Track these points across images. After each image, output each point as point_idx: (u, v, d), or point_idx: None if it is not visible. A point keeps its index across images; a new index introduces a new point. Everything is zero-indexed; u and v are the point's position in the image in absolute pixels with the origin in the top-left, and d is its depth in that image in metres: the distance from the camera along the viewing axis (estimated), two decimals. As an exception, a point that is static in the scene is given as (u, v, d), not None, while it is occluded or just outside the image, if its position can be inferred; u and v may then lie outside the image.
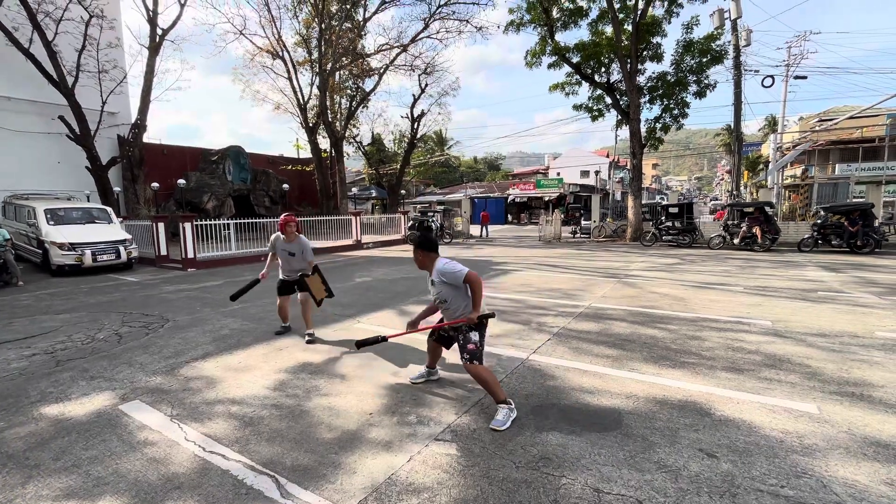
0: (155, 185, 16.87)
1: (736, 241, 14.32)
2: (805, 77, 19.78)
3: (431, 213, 19.83)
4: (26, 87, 15.89)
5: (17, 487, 2.36)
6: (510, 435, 2.83)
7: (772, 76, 18.17)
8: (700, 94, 17.50)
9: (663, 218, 16.33)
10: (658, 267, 10.57)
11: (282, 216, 4.94)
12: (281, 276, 5.15)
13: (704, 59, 17.10)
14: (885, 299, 6.66)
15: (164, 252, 12.09)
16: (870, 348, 4.42)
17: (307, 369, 4.09)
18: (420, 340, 4.95)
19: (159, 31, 16.81)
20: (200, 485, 2.37)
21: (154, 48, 16.74)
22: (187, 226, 11.42)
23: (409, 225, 19.30)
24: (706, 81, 17.27)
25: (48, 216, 11.14)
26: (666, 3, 17.11)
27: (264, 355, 4.51)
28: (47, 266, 10.69)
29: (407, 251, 15.87)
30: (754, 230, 13.87)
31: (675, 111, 17.96)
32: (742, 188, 35.05)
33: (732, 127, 19.28)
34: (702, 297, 7.03)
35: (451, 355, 4.42)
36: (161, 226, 12.18)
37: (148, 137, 18.40)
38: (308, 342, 4.86)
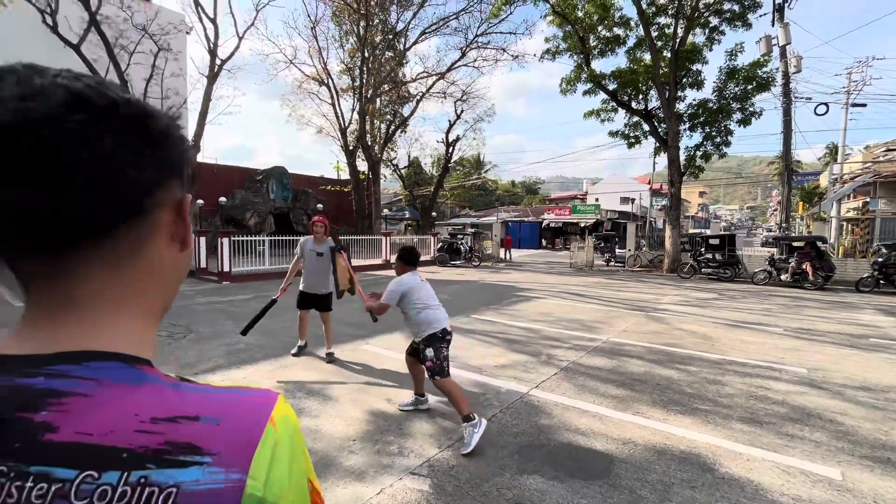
0: (200, 201, 18.03)
1: (783, 277, 13.33)
2: (864, 105, 18.53)
3: (461, 236, 19.89)
4: (100, 112, 17.69)
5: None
6: (488, 475, 2.71)
7: (826, 104, 17.18)
8: (745, 122, 16.76)
9: (703, 249, 15.52)
10: (691, 301, 9.99)
11: (313, 217, 5.10)
12: (301, 288, 5.10)
13: (750, 87, 16.45)
14: (951, 351, 5.93)
15: (203, 265, 12.81)
16: (920, 408, 3.93)
17: (303, 389, 4.14)
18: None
19: (218, 62, 18.34)
20: None
21: (212, 77, 18.24)
22: (224, 241, 12.08)
23: (439, 246, 19.44)
24: (751, 109, 16.54)
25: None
26: (707, 31, 16.73)
27: (269, 371, 4.62)
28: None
29: (434, 272, 15.94)
30: (804, 266, 12.87)
31: (718, 139, 17.26)
32: (797, 220, 32.88)
33: (782, 155, 18.26)
34: (733, 336, 6.55)
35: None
36: (202, 240, 12.95)
37: (205, 157, 19.89)
38: (328, 361, 4.91)
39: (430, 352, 3.23)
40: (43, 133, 0.31)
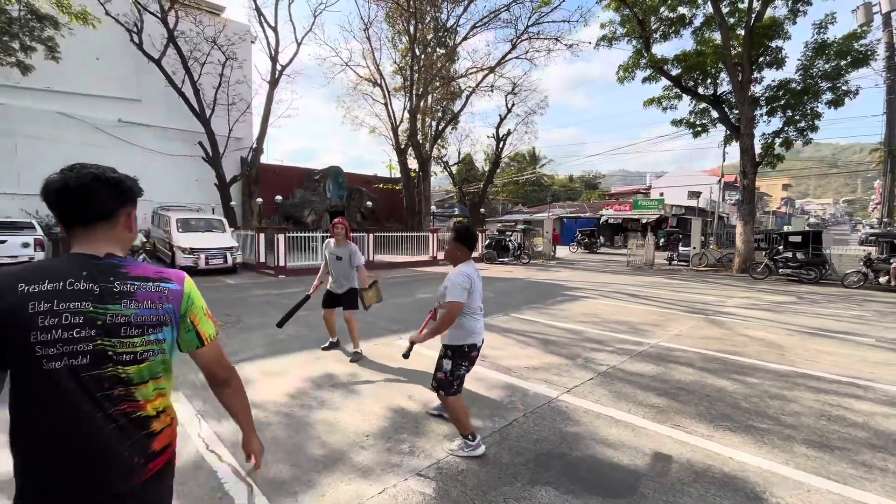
0: (259, 200, 19.23)
1: (882, 279, 11.58)
2: None
3: (510, 233, 19.50)
4: (178, 119, 19.37)
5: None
6: (497, 482, 2.55)
7: (943, 77, 14.62)
8: (836, 103, 14.72)
9: (781, 247, 13.91)
10: (762, 305, 8.97)
11: (334, 220, 4.98)
12: (328, 287, 5.09)
13: (843, 62, 14.42)
14: None
15: (262, 259, 13.65)
16: None
17: (330, 381, 4.20)
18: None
19: (279, 67, 19.45)
20: (187, 481, 2.52)
21: (273, 82, 19.40)
22: (280, 237, 12.77)
23: (486, 243, 19.19)
24: (845, 88, 14.50)
25: (178, 224, 13.33)
26: (789, 2, 14.89)
27: (301, 363, 4.76)
28: (174, 266, 12.75)
29: (481, 270, 15.72)
30: (910, 267, 11.08)
31: (802, 123, 15.35)
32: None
33: (883, 141, 15.86)
34: (809, 346, 5.75)
35: (472, 384, 4.22)
36: (262, 236, 13.80)
37: (272, 159, 21.23)
38: (352, 361, 4.80)
39: (447, 364, 2.80)
40: (85, 186, 1.07)
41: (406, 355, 3.08)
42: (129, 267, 1.11)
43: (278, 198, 19.75)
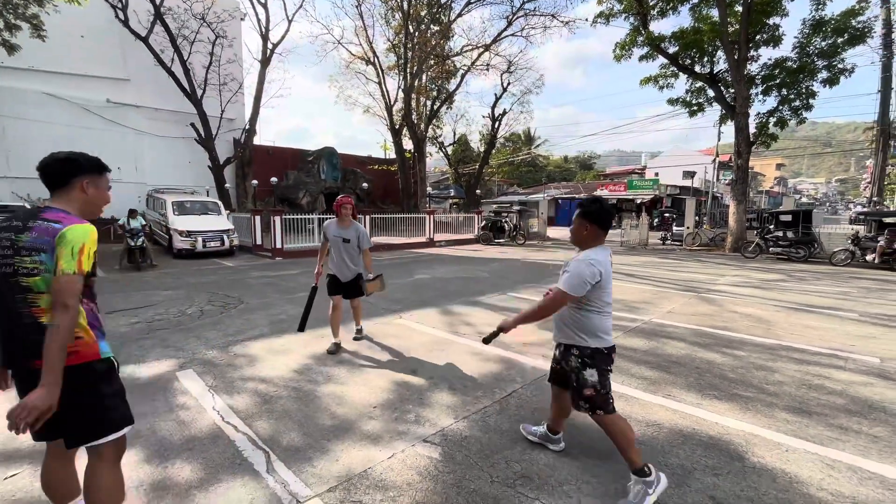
0: (254, 182, 19.10)
1: (869, 257, 11.86)
2: None
3: (505, 214, 19.58)
4: (169, 99, 18.96)
5: (80, 429, 2.90)
6: (499, 447, 2.73)
7: (938, 55, 14.63)
8: (831, 82, 14.74)
9: (772, 226, 14.14)
10: (752, 283, 9.20)
11: (338, 198, 4.53)
12: (331, 272, 4.63)
13: (840, 39, 14.37)
14: None
15: (258, 242, 13.68)
16: None
17: (335, 357, 4.35)
18: (456, 341, 4.99)
19: (270, 45, 19.01)
20: (208, 449, 2.67)
21: (265, 61, 18.98)
22: (276, 219, 12.78)
23: (482, 224, 19.29)
24: (840, 66, 14.49)
25: (174, 207, 13.27)
26: (789, -23, 14.71)
27: (305, 341, 4.90)
28: (171, 249, 12.75)
29: (477, 251, 15.91)
30: (896, 245, 11.35)
31: (797, 102, 15.38)
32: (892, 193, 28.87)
33: (877, 118, 15.95)
34: (795, 321, 5.98)
35: (471, 359, 4.37)
36: (258, 219, 13.79)
37: (264, 140, 20.95)
38: (355, 338, 4.89)
39: (592, 375, 2.28)
40: (55, 165, 1.68)
41: (487, 340, 2.55)
42: (47, 214, 1.60)
43: (274, 179, 19.63)
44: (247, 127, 19.06)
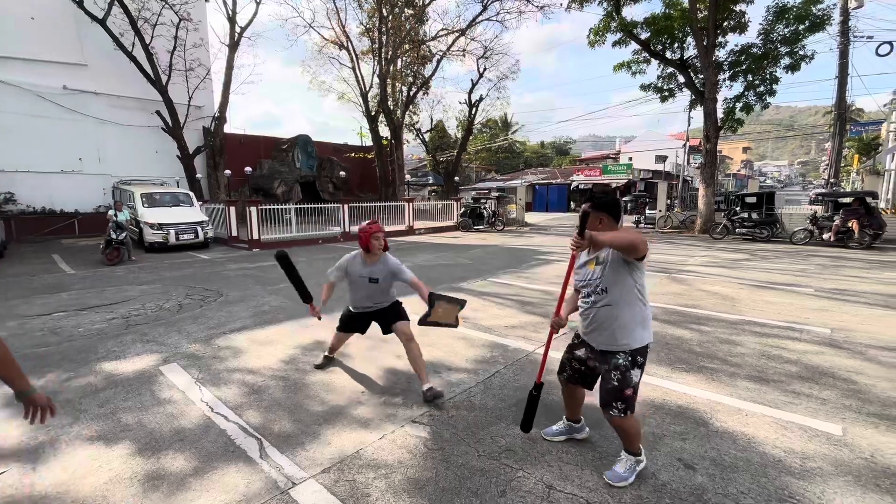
0: (227, 172, 18.56)
1: (826, 236, 12.58)
2: (936, 41, 16.44)
3: (484, 200, 19.72)
4: (132, 86, 18.06)
5: (66, 426, 2.89)
6: (485, 424, 2.87)
7: (890, 42, 15.39)
8: (793, 68, 15.33)
9: (738, 208, 14.77)
10: (720, 263, 9.66)
11: (363, 224, 3.34)
12: (351, 308, 3.58)
13: (802, 26, 14.91)
14: None
15: (234, 233, 13.40)
16: (947, 368, 3.76)
17: (321, 347, 4.40)
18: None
19: (237, 29, 18.32)
20: (199, 440, 2.72)
21: (233, 45, 18.30)
22: (252, 210, 12.53)
23: (461, 211, 19.38)
24: (801, 52, 15.07)
25: (144, 199, 12.81)
26: (755, -35, 15.09)
27: (290, 332, 4.92)
28: (142, 243, 12.35)
29: (456, 237, 16.03)
30: (850, 224, 12.06)
31: (761, 88, 15.95)
32: (852, 175, 30.41)
33: (835, 103, 16.72)
34: (757, 297, 6.36)
35: (456, 342, 4.49)
36: (233, 210, 13.47)
37: (234, 128, 20.28)
38: (430, 400, 3.14)
39: (637, 375, 2.17)
40: None
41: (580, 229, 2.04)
42: None
43: (248, 169, 19.11)
44: (217, 114, 18.45)
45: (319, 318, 3.69)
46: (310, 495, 2.21)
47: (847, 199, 12.81)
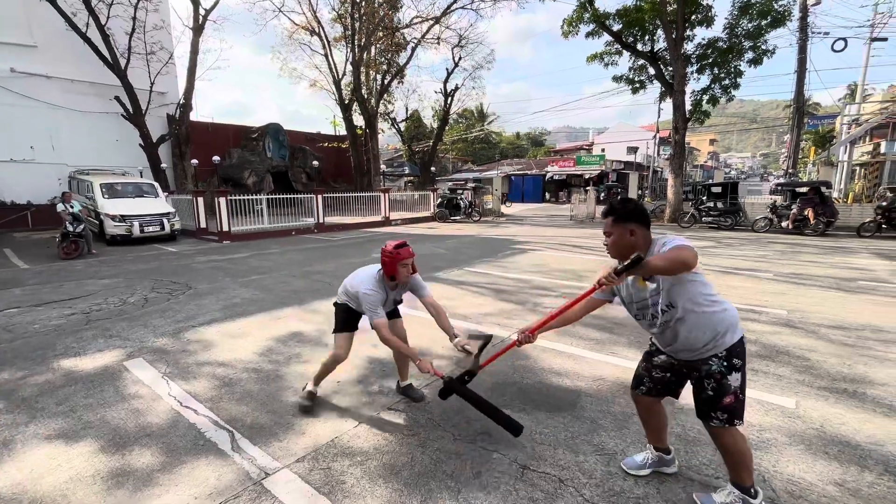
0: (194, 161, 17.86)
1: (784, 224, 13.21)
2: (885, 39, 17.40)
3: (461, 191, 19.73)
4: (87, 70, 17.02)
5: (21, 426, 2.75)
6: (460, 409, 2.90)
7: (844, 39, 16.16)
8: (756, 62, 15.88)
9: (704, 198, 15.32)
10: (687, 250, 10.01)
11: (389, 247, 2.75)
12: (343, 299, 3.05)
13: (764, 22, 15.44)
14: (936, 292, 5.98)
15: (203, 225, 12.95)
16: (890, 343, 4.04)
17: (296, 338, 4.34)
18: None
19: (202, 12, 17.48)
20: (167, 434, 2.64)
21: (197, 28, 17.47)
22: (222, 201, 12.12)
23: (438, 202, 19.34)
24: (764, 47, 15.63)
25: (103, 190, 12.19)
26: (721, -40, 15.48)
27: (263, 324, 4.82)
28: (103, 235, 11.78)
29: (433, 228, 16.00)
30: (806, 212, 12.71)
31: (726, 81, 16.48)
32: (809, 166, 31.98)
33: (793, 97, 17.48)
34: (721, 282, 6.64)
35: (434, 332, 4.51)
36: (201, 200, 13.00)
37: (202, 116, 19.46)
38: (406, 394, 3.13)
39: (736, 379, 1.87)
40: None
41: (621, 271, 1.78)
42: None
43: (216, 158, 18.43)
44: (181, 101, 17.64)
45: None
46: (283, 485, 2.18)
47: (803, 189, 13.47)
